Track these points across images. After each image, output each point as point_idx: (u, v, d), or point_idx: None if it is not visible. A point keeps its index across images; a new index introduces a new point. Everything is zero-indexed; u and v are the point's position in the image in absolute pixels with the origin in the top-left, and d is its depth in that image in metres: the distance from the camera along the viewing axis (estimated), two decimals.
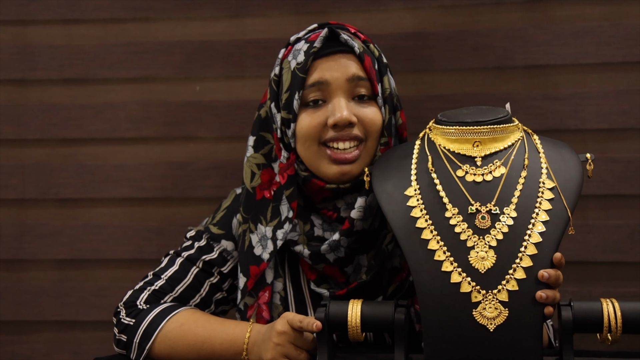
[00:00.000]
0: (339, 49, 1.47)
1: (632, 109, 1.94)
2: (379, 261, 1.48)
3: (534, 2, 1.98)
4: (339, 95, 1.45)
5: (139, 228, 2.12)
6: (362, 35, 1.52)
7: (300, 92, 1.46)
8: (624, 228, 1.95)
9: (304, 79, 1.46)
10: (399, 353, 1.30)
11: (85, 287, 2.14)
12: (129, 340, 1.48)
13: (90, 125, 2.13)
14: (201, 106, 2.11)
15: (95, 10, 2.12)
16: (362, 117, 1.45)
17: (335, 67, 1.46)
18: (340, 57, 1.47)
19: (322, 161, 1.46)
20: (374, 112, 1.47)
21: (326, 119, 1.45)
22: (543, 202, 1.30)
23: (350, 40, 1.47)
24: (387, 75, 1.50)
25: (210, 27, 2.10)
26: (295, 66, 1.47)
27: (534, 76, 1.98)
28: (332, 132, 1.44)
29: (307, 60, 1.46)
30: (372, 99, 1.48)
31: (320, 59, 1.47)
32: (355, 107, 1.46)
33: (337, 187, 1.47)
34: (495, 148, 1.35)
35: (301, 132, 1.46)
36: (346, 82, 1.45)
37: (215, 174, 2.10)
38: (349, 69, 1.46)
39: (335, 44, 1.47)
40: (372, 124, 1.46)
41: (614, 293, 1.94)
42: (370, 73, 1.47)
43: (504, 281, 1.25)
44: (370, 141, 1.46)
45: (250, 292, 1.50)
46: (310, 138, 1.46)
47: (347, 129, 1.44)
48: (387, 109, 1.48)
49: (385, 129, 1.48)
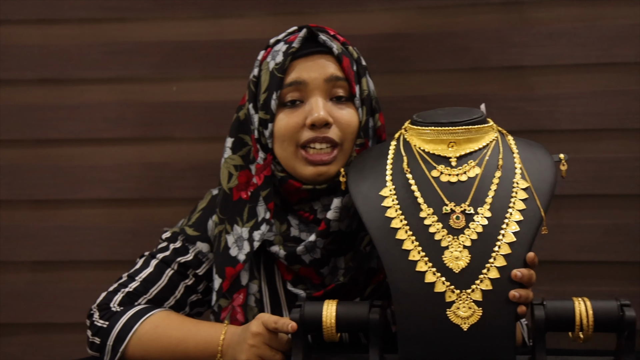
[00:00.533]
0: (318, 50, 1.47)
1: (606, 110, 1.96)
2: (357, 263, 1.48)
3: (510, 3, 1.99)
4: (317, 95, 1.45)
5: (115, 229, 2.11)
6: (341, 38, 1.52)
7: (278, 92, 1.46)
8: (598, 228, 1.97)
9: (282, 79, 1.46)
10: (373, 353, 1.30)
11: (59, 289, 2.12)
12: (102, 343, 1.47)
13: (65, 126, 2.12)
14: (178, 107, 2.10)
15: (71, 10, 2.11)
16: (338, 118, 1.46)
17: (313, 67, 1.46)
18: (319, 57, 1.47)
19: (298, 162, 1.46)
20: (350, 113, 1.47)
21: (304, 119, 1.45)
22: (517, 202, 1.31)
23: (328, 41, 1.47)
24: (366, 77, 1.51)
25: (187, 28, 2.09)
26: (273, 67, 1.47)
27: (509, 77, 1.99)
28: (308, 132, 1.44)
29: (285, 60, 1.46)
30: (349, 100, 1.48)
31: (298, 59, 1.47)
32: (333, 108, 1.46)
33: (313, 188, 1.47)
34: (470, 148, 1.36)
35: (279, 132, 1.46)
36: (324, 82, 1.45)
37: (192, 175, 2.09)
38: (326, 69, 1.46)
39: (313, 45, 1.48)
40: (348, 125, 1.46)
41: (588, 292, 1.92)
42: (348, 74, 1.47)
43: (477, 281, 1.26)
44: (346, 143, 1.47)
45: (224, 294, 1.50)
46: (287, 138, 1.46)
47: (323, 129, 1.44)
48: (365, 111, 1.48)
49: (362, 130, 1.48)
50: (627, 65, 1.95)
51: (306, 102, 1.46)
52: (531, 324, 1.31)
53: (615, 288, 1.96)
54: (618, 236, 1.96)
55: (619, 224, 1.96)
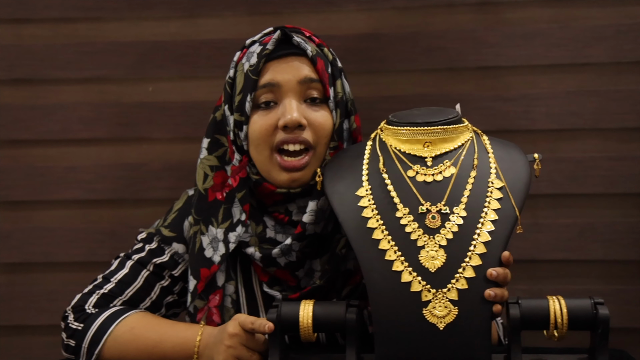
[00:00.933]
0: (292, 52, 1.47)
1: (581, 109, 1.97)
2: (333, 266, 1.48)
3: (486, 4, 2.00)
4: (290, 97, 1.45)
5: (91, 230, 2.10)
6: (316, 39, 1.52)
7: (252, 94, 1.45)
8: (573, 227, 1.98)
9: (256, 80, 1.46)
10: (350, 353, 1.30)
11: (35, 290, 2.11)
12: (78, 345, 1.46)
13: (40, 127, 2.10)
14: (154, 107, 2.09)
15: (45, 9, 2.09)
16: (312, 120, 1.46)
17: (287, 69, 1.46)
18: (293, 59, 1.47)
19: (273, 167, 1.46)
20: (324, 116, 1.47)
21: (277, 120, 1.44)
22: (492, 201, 1.32)
23: (303, 43, 1.47)
24: (341, 79, 1.51)
25: (164, 28, 2.08)
26: (248, 68, 1.47)
27: (485, 77, 2.00)
28: (282, 134, 1.44)
29: (259, 62, 1.45)
30: (323, 102, 1.48)
31: (272, 61, 1.46)
32: (306, 110, 1.46)
33: (287, 191, 1.47)
34: (446, 148, 1.37)
35: (253, 134, 1.46)
36: (297, 84, 1.45)
37: (169, 175, 2.08)
38: (300, 71, 1.46)
39: (288, 47, 1.48)
40: (322, 128, 1.46)
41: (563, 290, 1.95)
42: (323, 76, 1.47)
43: (453, 280, 1.26)
44: (320, 147, 1.47)
45: (200, 295, 1.49)
46: (262, 141, 1.46)
47: (296, 131, 1.44)
48: (339, 113, 1.48)
49: (336, 133, 1.48)
50: (601, 66, 1.97)
51: (280, 104, 1.46)
52: (507, 323, 1.32)
53: (590, 286, 1.98)
54: (593, 235, 1.98)
55: (593, 223, 1.98)
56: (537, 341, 1.43)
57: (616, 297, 1.96)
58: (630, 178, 1.96)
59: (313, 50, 1.47)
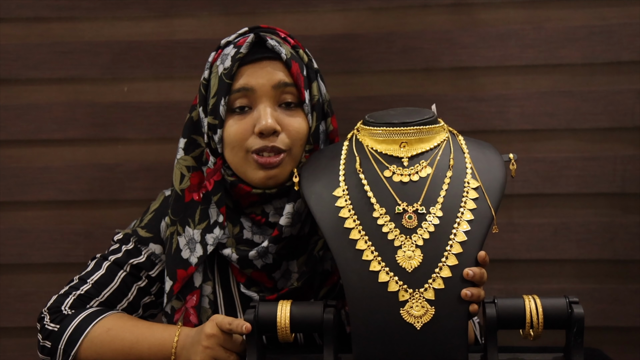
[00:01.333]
0: (266, 56, 1.46)
1: (555, 110, 1.99)
2: (310, 267, 1.48)
3: (460, 5, 2.01)
4: (265, 102, 1.45)
5: (66, 231, 2.08)
6: (292, 40, 1.51)
7: (226, 98, 1.45)
8: (547, 226, 2.00)
9: (230, 84, 1.45)
10: (328, 353, 1.30)
11: (9, 292, 2.09)
12: (54, 346, 1.45)
13: (13, 127, 2.08)
14: (129, 107, 2.08)
15: (18, 9, 2.07)
16: (286, 125, 1.45)
17: (261, 73, 1.45)
18: (267, 63, 1.46)
19: (248, 167, 1.46)
20: (299, 121, 1.47)
21: (252, 126, 1.44)
22: (468, 201, 1.33)
23: (277, 46, 1.46)
24: (317, 81, 1.50)
25: (138, 27, 2.07)
26: (222, 71, 1.46)
27: (460, 78, 2.01)
28: (257, 140, 1.43)
29: (233, 65, 1.45)
30: (298, 106, 1.47)
31: (246, 65, 1.46)
32: (281, 115, 1.45)
33: (263, 192, 1.47)
34: (422, 149, 1.37)
35: (229, 138, 1.46)
36: (272, 89, 1.45)
37: (144, 176, 2.07)
38: (274, 75, 1.45)
39: (262, 50, 1.46)
40: (297, 132, 1.46)
41: (539, 290, 1.98)
42: (297, 79, 1.46)
43: (430, 280, 1.27)
44: (295, 149, 1.46)
45: (177, 296, 1.49)
46: (237, 145, 1.45)
47: (271, 137, 1.43)
48: (315, 117, 1.48)
49: (312, 136, 1.48)
50: (574, 67, 1.99)
51: (254, 109, 1.45)
52: (483, 322, 1.33)
53: (565, 285, 2.00)
54: (567, 234, 2.00)
55: (568, 223, 2.00)
56: (513, 340, 1.44)
57: (591, 296, 1.98)
58: (604, 178, 1.99)
59: (287, 54, 1.47)
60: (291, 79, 1.46)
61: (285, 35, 1.52)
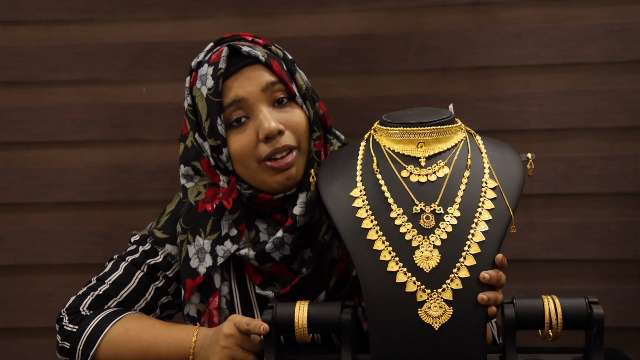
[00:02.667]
0: (245, 63, 1.45)
1: (574, 109, 1.98)
2: (317, 253, 1.48)
3: (478, 4, 2.00)
4: (260, 107, 1.44)
5: (85, 232, 2.09)
6: (261, 41, 1.51)
7: (221, 116, 1.44)
8: (567, 226, 1.99)
9: (219, 102, 1.44)
10: (346, 353, 1.30)
11: (29, 293, 2.10)
12: (72, 347, 1.46)
13: (33, 129, 2.10)
14: (147, 108, 2.09)
15: (38, 11, 2.09)
16: (287, 123, 1.45)
17: (246, 82, 1.44)
18: (248, 70, 1.45)
19: (264, 175, 1.46)
20: (297, 114, 1.47)
21: (256, 134, 1.44)
22: (486, 201, 1.32)
23: (252, 50, 1.45)
24: (297, 71, 1.51)
25: (156, 29, 2.08)
26: (207, 92, 1.45)
27: (478, 77, 2.01)
28: (265, 146, 1.44)
29: (217, 83, 1.44)
30: (291, 100, 1.48)
31: (229, 78, 1.45)
32: (279, 114, 1.45)
33: (284, 195, 1.47)
34: (439, 149, 1.37)
35: (236, 154, 1.45)
36: (261, 92, 1.44)
37: (162, 177, 2.08)
38: (260, 79, 1.45)
39: (239, 59, 1.46)
40: (299, 126, 1.46)
41: (558, 290, 1.97)
42: (282, 75, 1.46)
43: (448, 280, 1.26)
44: (303, 142, 1.47)
45: (201, 299, 1.49)
46: (247, 158, 1.45)
47: (278, 138, 1.44)
48: (309, 105, 1.48)
49: (314, 124, 1.48)
50: (594, 65, 1.97)
51: (252, 117, 1.45)
52: (502, 323, 1.32)
53: (584, 286, 1.98)
54: (587, 234, 1.98)
55: (588, 223, 1.98)
56: (532, 341, 1.43)
57: (610, 297, 1.96)
58: (624, 177, 1.97)
59: (264, 54, 1.46)
60: (276, 77, 1.46)
61: (252, 38, 1.52)
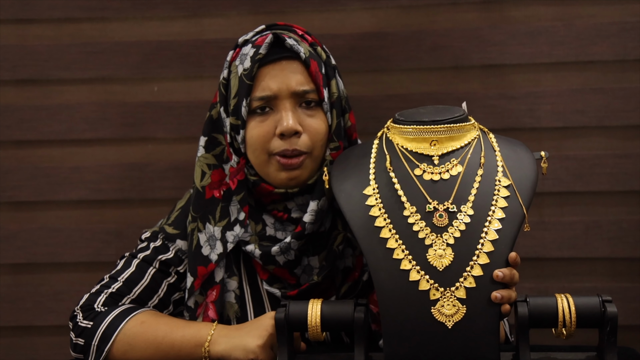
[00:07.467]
0: (284, 55, 1.46)
1: (586, 107, 1.97)
2: (330, 262, 1.48)
3: (490, 2, 2.00)
4: (285, 103, 1.45)
5: (97, 230, 2.10)
6: (309, 38, 1.52)
7: (247, 100, 1.45)
8: (579, 224, 1.98)
9: (250, 86, 1.45)
10: (359, 352, 1.30)
11: (41, 291, 2.11)
12: (87, 343, 1.46)
13: (45, 127, 2.10)
14: (159, 107, 2.09)
15: (49, 10, 2.09)
16: (307, 126, 1.46)
17: (280, 75, 1.45)
18: (286, 64, 1.46)
19: (271, 168, 1.47)
20: (318, 122, 1.47)
21: (274, 127, 1.45)
22: (499, 199, 1.32)
23: (296, 45, 1.46)
24: (335, 78, 1.51)
25: (168, 27, 2.08)
26: (242, 72, 1.46)
27: (490, 75, 2.00)
28: (279, 142, 1.45)
29: (252, 67, 1.45)
30: (318, 105, 1.48)
31: (265, 65, 1.46)
32: (302, 116, 1.46)
33: (285, 191, 1.48)
34: (452, 147, 1.36)
35: (251, 140, 1.47)
36: (291, 91, 1.45)
37: (174, 175, 2.08)
38: (294, 76, 1.45)
39: (280, 50, 1.47)
40: (317, 133, 1.47)
41: (570, 288, 1.96)
42: (316, 78, 1.46)
43: (461, 278, 1.26)
44: (316, 150, 1.47)
45: (200, 291, 1.50)
46: (259, 147, 1.46)
47: (293, 138, 1.44)
48: (335, 114, 1.48)
49: (335, 134, 1.48)
50: (606, 64, 1.97)
51: (276, 110, 1.46)
52: (515, 321, 1.32)
53: (597, 284, 1.98)
54: (599, 233, 1.98)
55: (600, 221, 1.98)
56: (545, 339, 1.43)
57: (623, 295, 1.96)
58: (636, 175, 1.96)
59: (306, 52, 1.47)
60: (310, 78, 1.46)
61: (302, 33, 1.52)
